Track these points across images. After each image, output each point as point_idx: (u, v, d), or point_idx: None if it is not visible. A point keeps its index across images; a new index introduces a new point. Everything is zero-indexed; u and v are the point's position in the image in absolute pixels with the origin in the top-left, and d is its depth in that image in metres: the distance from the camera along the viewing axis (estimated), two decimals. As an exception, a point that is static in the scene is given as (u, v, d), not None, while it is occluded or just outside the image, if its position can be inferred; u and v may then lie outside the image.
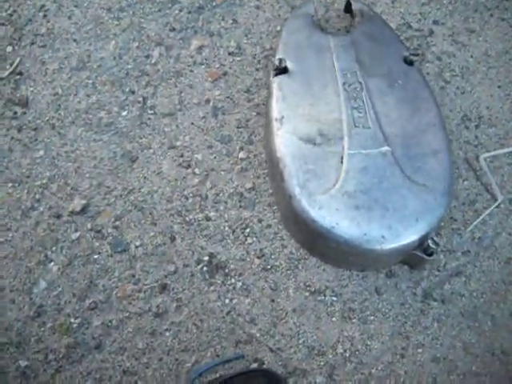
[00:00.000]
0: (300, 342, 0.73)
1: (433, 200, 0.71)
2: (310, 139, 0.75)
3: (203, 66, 0.90)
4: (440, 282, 0.76)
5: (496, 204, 0.81)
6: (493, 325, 0.74)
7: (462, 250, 0.78)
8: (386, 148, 0.74)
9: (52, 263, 0.77)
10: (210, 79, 0.89)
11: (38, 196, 0.81)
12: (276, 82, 0.80)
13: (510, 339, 0.74)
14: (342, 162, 0.73)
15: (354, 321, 0.74)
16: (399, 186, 0.72)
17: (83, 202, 0.80)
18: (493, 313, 0.75)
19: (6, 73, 0.90)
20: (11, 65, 0.90)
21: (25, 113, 0.87)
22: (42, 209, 0.80)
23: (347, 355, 0.72)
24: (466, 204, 0.81)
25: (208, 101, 0.87)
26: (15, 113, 0.87)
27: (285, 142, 0.75)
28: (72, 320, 0.73)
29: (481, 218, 0.80)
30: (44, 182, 0.82)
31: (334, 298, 0.75)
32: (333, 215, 0.70)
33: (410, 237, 0.69)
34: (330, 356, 0.72)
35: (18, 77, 0.90)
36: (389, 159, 0.73)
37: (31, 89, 0.89)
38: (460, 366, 0.72)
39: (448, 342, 0.73)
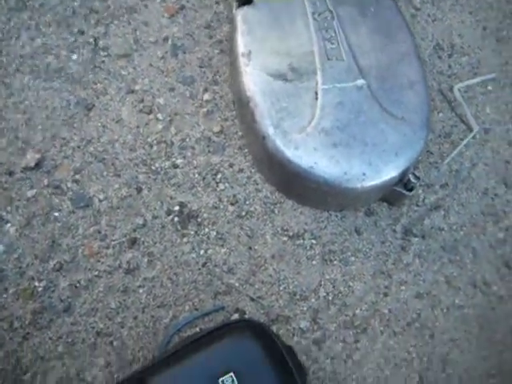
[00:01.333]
0: (281, 288, 0.70)
1: (411, 133, 0.68)
2: (280, 75, 0.70)
3: (158, 1, 0.82)
4: (419, 217, 0.75)
5: (472, 135, 0.79)
6: (474, 257, 0.73)
7: (439, 183, 0.76)
8: (361, 81, 0.70)
9: (8, 224, 0.70)
10: (166, 15, 0.82)
11: (-15, 152, 0.73)
12: (240, 14, 0.73)
13: (491, 270, 0.73)
14: (316, 98, 0.69)
15: (334, 263, 0.72)
16: (377, 120, 0.68)
17: (37, 156, 0.73)
18: (473, 245, 0.74)
19: None
20: None
21: (-37, 60, 0.78)
22: (-9, 166, 0.73)
23: (330, 298, 0.70)
24: (441, 136, 0.79)
25: (166, 39, 0.80)
26: (-49, 61, 0.78)
27: (254, 80, 0.69)
28: (36, 284, 0.68)
29: (457, 149, 0.78)
30: (-9, 138, 0.74)
31: (314, 241, 0.72)
32: (310, 155, 0.66)
33: (390, 172, 0.67)
34: (313, 300, 0.70)
35: (-50, 20, 0.80)
36: (365, 92, 0.69)
37: (-34, 33, 0.79)
38: (443, 300, 0.71)
39: (430, 277, 0.72)
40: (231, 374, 0.57)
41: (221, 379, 0.57)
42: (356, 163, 0.66)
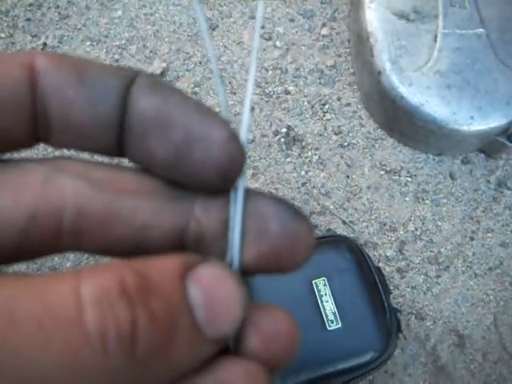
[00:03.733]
0: (372, 217, 0.74)
1: (525, 86, 0.70)
2: (403, 15, 0.72)
3: None
4: (515, 172, 0.77)
5: None
6: None
7: (540, 143, 0.78)
8: (481, 30, 0.72)
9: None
10: (295, -51, 0.85)
11: (116, 56, 0.80)
12: (370, -47, 0.76)
13: None
14: (435, 41, 0.71)
15: (426, 202, 0.75)
16: (492, 69, 0.70)
17: (163, 65, 0.79)
18: None
19: None
20: None
21: (102, -29, 0.84)
22: (120, 69, 0.79)
23: (418, 233, 0.74)
24: (547, 99, 0.80)
25: (292, -28, 0.84)
26: (92, -30, 0.84)
27: (378, 16, 0.73)
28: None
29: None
30: (123, 42, 0.81)
31: (409, 179, 0.76)
32: (423, 92, 0.69)
33: (498, 120, 0.69)
34: (401, 232, 0.74)
35: None
36: (483, 41, 0.71)
37: None
38: (528, 252, 0.74)
39: (518, 229, 0.75)
40: (324, 278, 0.62)
41: (314, 281, 0.62)
42: (466, 106, 0.69)
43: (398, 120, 0.74)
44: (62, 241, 0.15)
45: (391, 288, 0.71)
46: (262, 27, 0.82)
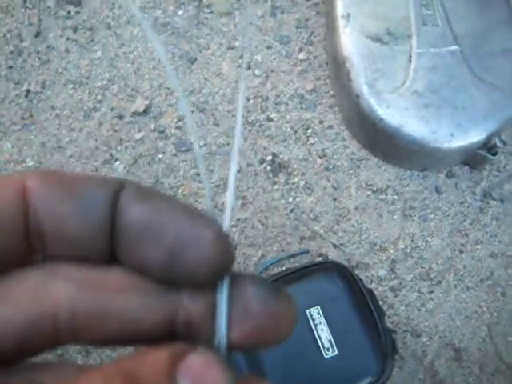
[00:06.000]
0: (362, 238, 0.75)
1: (501, 99, 0.71)
2: (377, 37, 0.73)
3: (260, -37, 0.87)
4: (499, 182, 0.78)
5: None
6: (550, 223, 0.76)
7: (522, 151, 0.79)
8: (455, 47, 0.73)
9: (118, 162, 0.78)
10: (267, -23, 0.86)
11: (99, 97, 0.81)
12: (341, -23, 0.77)
13: None
14: (410, 61, 0.72)
15: (414, 218, 0.76)
16: (468, 85, 0.71)
17: (145, 102, 0.80)
18: (551, 212, 0.77)
19: (57, -30, 0.87)
20: (61, -39, 0.88)
21: (78, 12, 0.85)
22: (104, 109, 0.81)
23: (408, 251, 0.75)
24: (527, 106, 0.81)
25: (266, -1, 0.85)
26: (69, 12, 0.85)
27: (352, 41, 0.74)
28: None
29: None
30: (104, 83, 0.82)
31: (396, 197, 0.77)
32: (402, 114, 0.70)
33: (477, 135, 0.70)
34: (392, 251, 0.75)
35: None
36: (458, 58, 0.72)
37: (83, -13, 0.87)
38: (517, 261, 0.75)
39: (506, 238, 0.76)
40: (318, 306, 0.64)
41: (308, 310, 0.63)
42: (445, 124, 0.70)
43: (380, 141, 0.75)
44: (59, 338, 0.16)
45: (385, 307, 0.72)
46: (240, 57, 0.83)
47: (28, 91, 0.81)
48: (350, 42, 0.73)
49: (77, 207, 0.16)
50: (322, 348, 0.62)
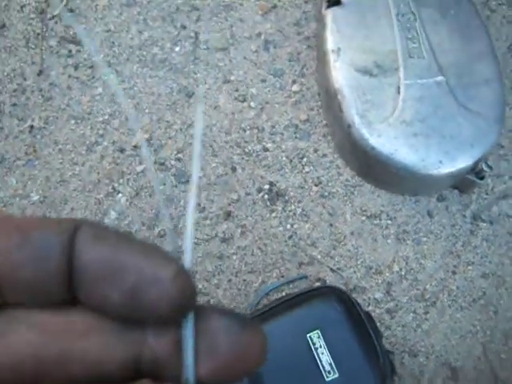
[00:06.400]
0: (358, 262, 0.78)
1: (486, 126, 0.75)
2: (366, 70, 0.77)
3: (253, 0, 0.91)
4: (488, 204, 0.81)
5: (540, 130, 0.84)
6: (538, 243, 0.80)
7: (509, 174, 0.82)
8: (440, 77, 0.77)
9: (120, 195, 0.81)
10: (260, 12, 0.90)
11: (101, 132, 0.84)
12: (330, 13, 0.81)
13: (554, 255, 0.79)
14: (398, 92, 0.76)
15: (408, 242, 0.79)
16: (454, 114, 0.75)
17: (145, 136, 0.83)
18: (538, 232, 0.80)
19: (58, 10, 0.91)
20: (61, 1, 0.91)
21: (79, 51, 0.89)
22: (106, 143, 0.84)
23: (403, 273, 0.78)
24: None
25: (259, 34, 0.89)
26: (70, 51, 0.89)
27: (342, 74, 0.77)
28: (145, 246, 0.78)
29: (526, 143, 0.83)
30: (106, 118, 0.85)
31: (389, 222, 0.80)
32: (392, 142, 0.73)
33: (465, 161, 0.73)
34: (387, 274, 0.78)
35: (70, 14, 0.91)
36: (444, 88, 0.76)
37: (83, 26, 0.90)
38: (508, 280, 0.78)
39: (496, 259, 0.78)
40: (317, 330, 0.66)
41: (308, 335, 0.66)
42: (434, 152, 0.73)
43: (372, 168, 0.78)
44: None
45: (383, 329, 0.75)
46: (236, 90, 0.86)
47: (31, 127, 0.84)
48: (340, 75, 0.77)
49: (31, 254, 0.16)
50: (323, 371, 0.65)
